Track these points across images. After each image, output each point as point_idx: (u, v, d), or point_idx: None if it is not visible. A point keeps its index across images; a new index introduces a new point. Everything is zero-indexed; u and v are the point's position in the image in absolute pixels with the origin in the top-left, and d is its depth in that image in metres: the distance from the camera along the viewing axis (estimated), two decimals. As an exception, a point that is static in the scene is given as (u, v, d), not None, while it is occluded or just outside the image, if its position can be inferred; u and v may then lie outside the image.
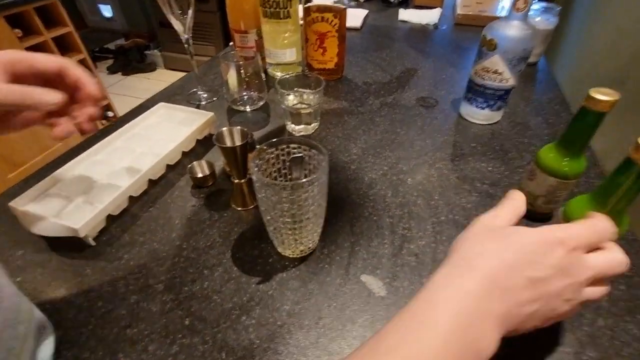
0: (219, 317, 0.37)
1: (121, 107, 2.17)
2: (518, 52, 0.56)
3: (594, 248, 0.27)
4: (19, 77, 0.34)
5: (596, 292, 0.28)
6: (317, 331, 0.36)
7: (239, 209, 0.49)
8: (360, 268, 0.42)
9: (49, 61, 0.36)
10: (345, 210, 0.49)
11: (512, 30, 0.55)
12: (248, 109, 0.71)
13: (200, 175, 0.52)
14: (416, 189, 0.53)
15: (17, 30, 1.51)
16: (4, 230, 0.47)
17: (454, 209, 0.50)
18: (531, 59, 0.85)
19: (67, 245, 0.44)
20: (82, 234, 0.42)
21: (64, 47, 1.78)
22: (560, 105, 0.73)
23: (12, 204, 0.44)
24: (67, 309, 0.38)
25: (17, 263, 0.43)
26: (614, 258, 0.27)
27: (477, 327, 0.23)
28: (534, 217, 0.48)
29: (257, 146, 0.38)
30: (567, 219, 0.37)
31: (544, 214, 0.48)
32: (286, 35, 0.75)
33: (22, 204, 0.45)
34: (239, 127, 0.45)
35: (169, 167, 0.56)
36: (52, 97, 0.34)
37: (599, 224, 0.28)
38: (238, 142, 0.45)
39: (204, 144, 0.62)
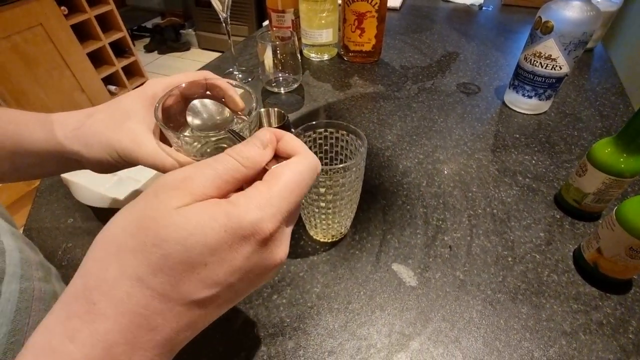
0: (252, 294, 0.38)
1: (157, 86, 2.23)
2: (577, 35, 0.51)
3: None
4: (165, 109, 0.30)
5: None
6: (346, 315, 0.36)
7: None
8: (392, 256, 0.42)
9: (193, 87, 0.31)
10: (378, 198, 0.49)
11: (573, 12, 0.50)
12: (282, 90, 0.71)
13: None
14: (453, 179, 0.51)
15: (63, 8, 1.58)
16: (57, 198, 0.50)
17: (493, 202, 0.48)
18: (588, 45, 0.78)
19: (112, 216, 0.47)
20: (124, 205, 0.44)
21: (105, 25, 1.84)
22: (618, 96, 0.67)
23: (64, 175, 0.47)
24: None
25: (68, 230, 0.46)
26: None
27: None
28: (581, 216, 0.45)
29: (293, 130, 0.38)
30: (621, 221, 0.34)
31: (592, 213, 0.45)
32: (324, 15, 0.73)
33: (72, 176, 0.48)
34: (276, 109, 0.45)
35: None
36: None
37: (303, 168, 0.20)
38: (275, 124, 0.45)
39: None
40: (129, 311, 0.16)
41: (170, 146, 0.29)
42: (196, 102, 0.28)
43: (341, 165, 0.33)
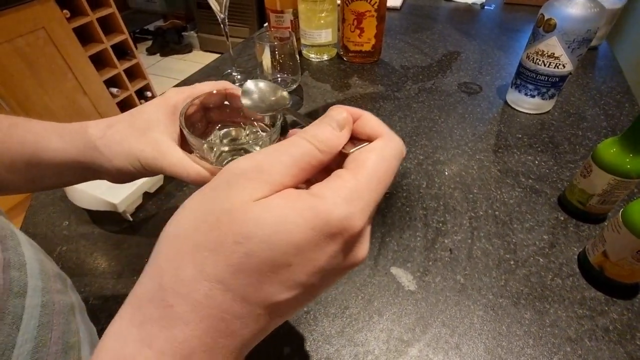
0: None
1: (158, 88, 2.24)
2: (581, 33, 0.50)
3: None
4: (187, 118, 0.30)
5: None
6: (343, 320, 0.36)
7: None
8: (390, 260, 0.41)
9: (213, 97, 0.31)
10: (376, 200, 0.48)
11: (576, 9, 0.49)
12: (281, 91, 0.70)
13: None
14: (453, 180, 0.50)
15: (65, 11, 1.59)
16: (52, 201, 0.50)
17: (494, 203, 0.47)
18: (593, 43, 0.76)
19: (107, 220, 0.46)
20: (120, 209, 0.44)
21: (107, 28, 1.85)
22: (623, 95, 0.66)
23: (59, 177, 0.46)
24: (105, 278, 0.40)
25: (64, 233, 0.46)
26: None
27: None
28: (586, 217, 0.44)
29: (290, 129, 0.37)
30: (628, 224, 0.33)
31: (598, 215, 0.44)
32: (322, 15, 0.72)
33: (68, 178, 0.47)
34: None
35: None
36: None
37: (390, 156, 0.18)
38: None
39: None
40: (208, 315, 0.14)
41: (191, 153, 0.29)
42: (250, 83, 0.28)
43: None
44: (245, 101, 0.27)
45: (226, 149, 0.33)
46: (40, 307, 0.23)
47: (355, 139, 0.19)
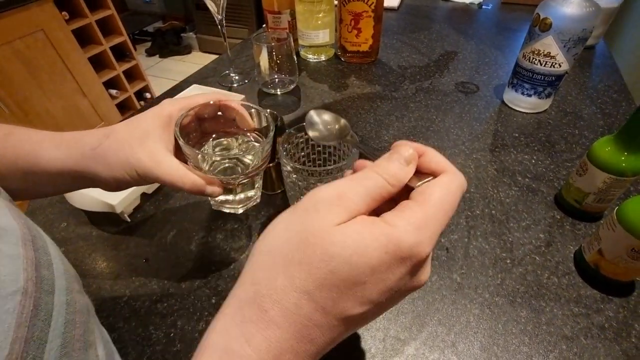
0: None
1: (157, 89, 2.24)
2: (576, 32, 0.50)
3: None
4: (183, 128, 0.31)
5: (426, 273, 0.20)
6: (340, 320, 0.36)
7: (267, 192, 0.49)
8: (387, 259, 0.41)
9: (207, 108, 0.33)
10: (373, 199, 0.48)
11: (571, 8, 0.49)
12: (279, 92, 0.70)
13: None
14: (450, 180, 0.50)
15: (64, 13, 1.59)
16: (50, 202, 0.50)
17: (491, 203, 0.47)
18: (589, 42, 0.76)
19: (106, 221, 0.46)
20: (118, 210, 0.44)
21: (106, 29, 1.85)
22: (620, 93, 0.66)
23: (57, 178, 0.47)
24: (104, 279, 0.40)
25: (62, 234, 0.46)
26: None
27: None
28: (582, 216, 0.44)
29: (287, 130, 0.37)
30: (623, 222, 0.33)
31: (594, 214, 0.44)
32: (320, 15, 0.73)
33: (66, 179, 0.47)
34: (268, 110, 0.44)
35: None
36: (211, 191, 0.30)
37: (453, 196, 0.19)
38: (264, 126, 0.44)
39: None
40: (296, 322, 0.17)
41: (185, 163, 0.30)
42: (313, 114, 0.28)
43: (332, 167, 0.32)
44: (312, 133, 0.28)
45: (219, 158, 0.33)
46: (65, 305, 0.24)
47: (420, 173, 0.21)
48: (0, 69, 1.38)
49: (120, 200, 0.44)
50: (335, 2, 0.74)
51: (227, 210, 0.36)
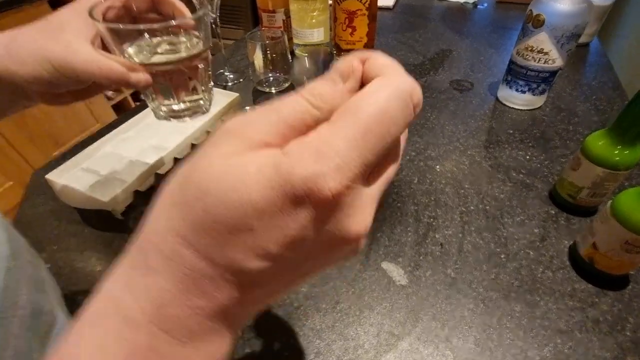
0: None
1: (155, 90, 2.24)
2: (569, 28, 0.51)
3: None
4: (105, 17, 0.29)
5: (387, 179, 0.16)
6: (334, 315, 0.35)
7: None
8: (382, 255, 0.41)
9: (137, 3, 0.30)
10: (368, 196, 0.48)
11: (564, 4, 0.50)
12: (273, 90, 0.70)
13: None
14: (445, 176, 0.50)
15: (60, 15, 1.59)
16: (43, 201, 0.49)
17: (485, 198, 0.47)
18: (583, 39, 0.77)
19: (98, 218, 0.46)
20: (110, 207, 0.43)
21: (102, 31, 1.85)
22: (614, 90, 0.66)
23: (48, 176, 0.46)
24: (96, 277, 0.40)
25: (54, 232, 0.45)
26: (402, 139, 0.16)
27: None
28: (576, 211, 0.44)
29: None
30: (616, 215, 0.33)
31: (588, 208, 0.44)
32: (314, 14, 0.73)
33: (57, 177, 0.47)
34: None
35: (194, 147, 0.56)
36: (136, 79, 0.28)
37: (389, 107, 0.14)
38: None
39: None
40: (176, 270, 0.14)
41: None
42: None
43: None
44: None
45: (142, 27, 0.29)
46: (4, 272, 0.24)
47: None
48: (-5, 70, 1.38)
49: (112, 198, 0.43)
50: (330, 1, 0.74)
51: (174, 121, 0.32)
